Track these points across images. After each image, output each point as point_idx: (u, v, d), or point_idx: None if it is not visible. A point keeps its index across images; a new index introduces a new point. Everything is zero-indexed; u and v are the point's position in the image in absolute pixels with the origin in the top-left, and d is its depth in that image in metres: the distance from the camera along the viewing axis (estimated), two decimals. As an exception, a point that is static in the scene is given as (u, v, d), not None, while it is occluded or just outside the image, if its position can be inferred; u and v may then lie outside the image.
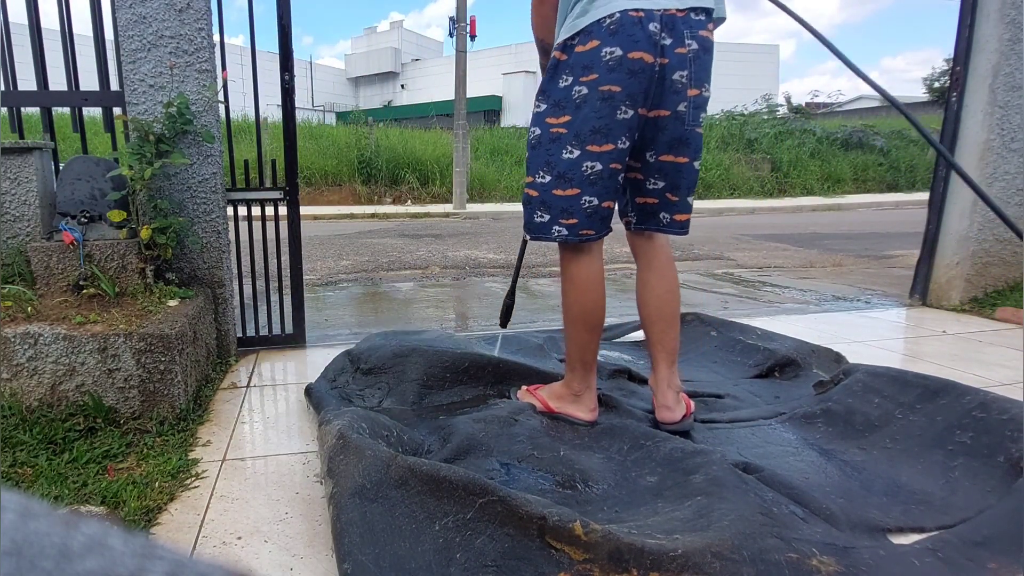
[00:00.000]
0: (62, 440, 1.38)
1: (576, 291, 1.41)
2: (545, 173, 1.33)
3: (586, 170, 1.29)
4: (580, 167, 1.29)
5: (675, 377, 1.47)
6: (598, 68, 1.23)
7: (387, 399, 1.63)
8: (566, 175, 1.30)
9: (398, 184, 11.37)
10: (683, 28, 1.23)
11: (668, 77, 1.25)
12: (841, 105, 21.79)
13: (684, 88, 1.27)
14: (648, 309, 1.46)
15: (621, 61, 1.21)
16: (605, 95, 1.23)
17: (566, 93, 1.28)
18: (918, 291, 3.00)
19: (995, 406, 1.33)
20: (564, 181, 1.31)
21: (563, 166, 1.30)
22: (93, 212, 1.77)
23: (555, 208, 1.33)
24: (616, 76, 1.22)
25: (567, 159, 1.29)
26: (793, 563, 0.94)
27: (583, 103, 1.26)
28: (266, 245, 2.18)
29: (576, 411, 1.47)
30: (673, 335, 1.46)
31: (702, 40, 1.27)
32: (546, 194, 1.34)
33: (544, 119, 1.32)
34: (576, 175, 1.30)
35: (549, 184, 1.33)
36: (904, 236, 6.14)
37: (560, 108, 1.29)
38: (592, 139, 1.26)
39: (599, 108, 1.24)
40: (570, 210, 1.32)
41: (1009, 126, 2.71)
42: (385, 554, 0.94)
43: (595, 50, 1.23)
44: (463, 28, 9.99)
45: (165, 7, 1.81)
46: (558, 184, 1.32)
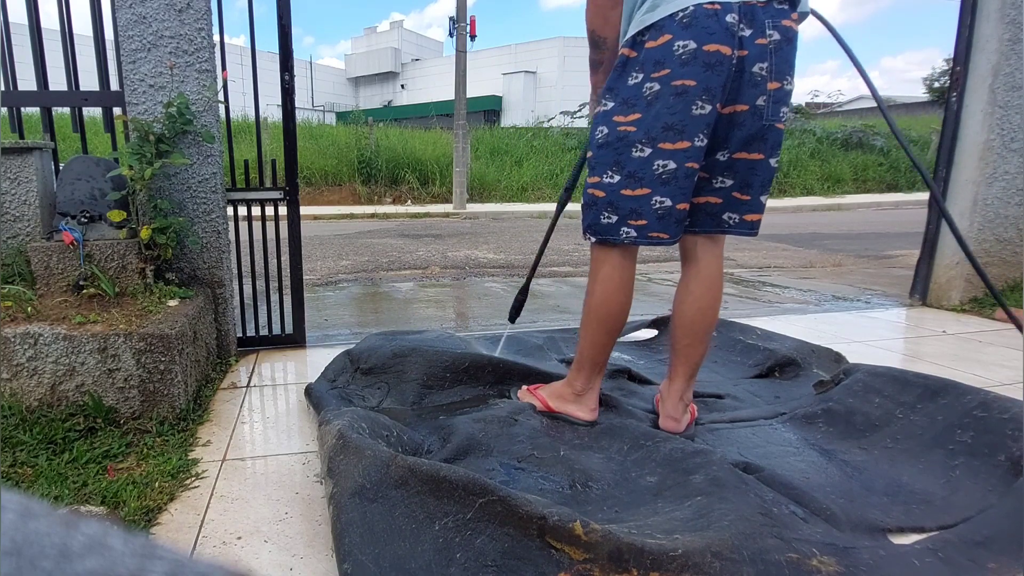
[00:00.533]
0: (62, 440, 1.38)
1: (605, 292, 1.36)
2: (614, 173, 1.28)
3: (657, 169, 1.23)
4: (651, 166, 1.23)
5: (689, 391, 1.44)
6: (670, 63, 1.17)
7: (387, 399, 1.63)
8: (636, 174, 1.25)
9: (398, 184, 11.37)
10: (764, 18, 1.17)
11: (747, 70, 1.19)
12: (841, 105, 21.80)
13: (764, 81, 1.20)
14: (683, 319, 1.39)
15: (696, 54, 1.15)
16: (679, 90, 1.18)
17: (636, 90, 1.23)
18: (918, 291, 3.00)
19: (996, 405, 1.33)
20: (634, 181, 1.26)
21: (633, 165, 1.25)
22: (93, 212, 1.77)
23: (623, 209, 1.28)
24: (690, 70, 1.16)
25: (637, 158, 1.24)
26: (793, 563, 0.94)
27: (655, 100, 1.20)
28: (266, 245, 2.18)
29: (576, 411, 1.46)
30: (701, 351, 1.40)
31: (784, 30, 1.20)
32: (614, 194, 1.28)
33: (612, 117, 1.27)
34: (647, 174, 1.24)
35: (618, 184, 1.28)
36: (904, 236, 6.14)
37: (629, 106, 1.24)
38: (664, 136, 1.21)
39: (672, 104, 1.19)
40: (639, 211, 1.27)
41: (1009, 126, 2.71)
42: (385, 554, 0.94)
43: (667, 44, 1.17)
44: (463, 28, 9.99)
45: (165, 7, 1.81)
46: (627, 184, 1.27)
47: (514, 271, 4.37)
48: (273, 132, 8.41)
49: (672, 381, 1.44)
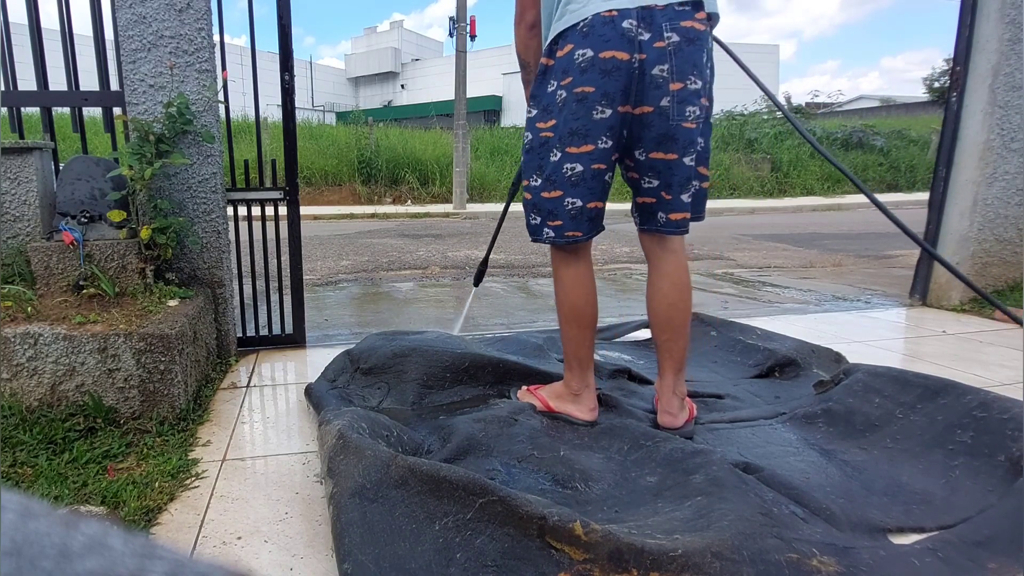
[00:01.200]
0: (62, 440, 1.38)
1: (564, 290, 1.43)
2: (537, 176, 1.36)
3: (567, 172, 1.30)
4: (562, 169, 1.31)
5: (681, 384, 1.46)
6: (572, 71, 1.25)
7: (387, 399, 1.63)
8: (551, 178, 1.33)
9: (398, 184, 11.37)
10: (662, 21, 1.21)
11: (648, 72, 1.23)
12: (841, 105, 21.81)
13: (665, 82, 1.24)
14: (657, 316, 1.43)
15: (593, 61, 1.22)
16: (579, 96, 1.25)
17: (552, 98, 1.30)
18: (918, 291, 3.00)
19: (996, 405, 1.33)
20: (550, 184, 1.33)
21: (549, 169, 1.33)
22: (93, 212, 1.77)
23: (544, 210, 1.36)
24: (588, 77, 1.23)
25: (552, 162, 1.32)
26: (793, 563, 0.94)
27: (563, 106, 1.28)
28: (266, 245, 2.18)
29: (575, 411, 1.47)
30: (682, 344, 1.43)
31: (685, 31, 1.23)
32: (536, 197, 1.36)
33: (535, 123, 1.35)
34: (559, 177, 1.32)
35: (539, 187, 1.35)
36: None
37: (547, 112, 1.32)
38: (571, 141, 1.28)
39: (575, 110, 1.26)
40: (555, 212, 1.34)
41: (1009, 126, 2.71)
42: (385, 554, 0.94)
43: (570, 53, 1.25)
44: (463, 28, 9.99)
45: (165, 7, 1.81)
46: (545, 187, 1.34)
47: (514, 271, 4.37)
48: (273, 132, 8.41)
49: (662, 377, 1.47)
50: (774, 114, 15.05)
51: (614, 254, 5.22)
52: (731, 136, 14.17)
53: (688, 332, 1.46)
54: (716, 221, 8.33)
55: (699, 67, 1.26)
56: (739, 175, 13.12)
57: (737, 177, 13.08)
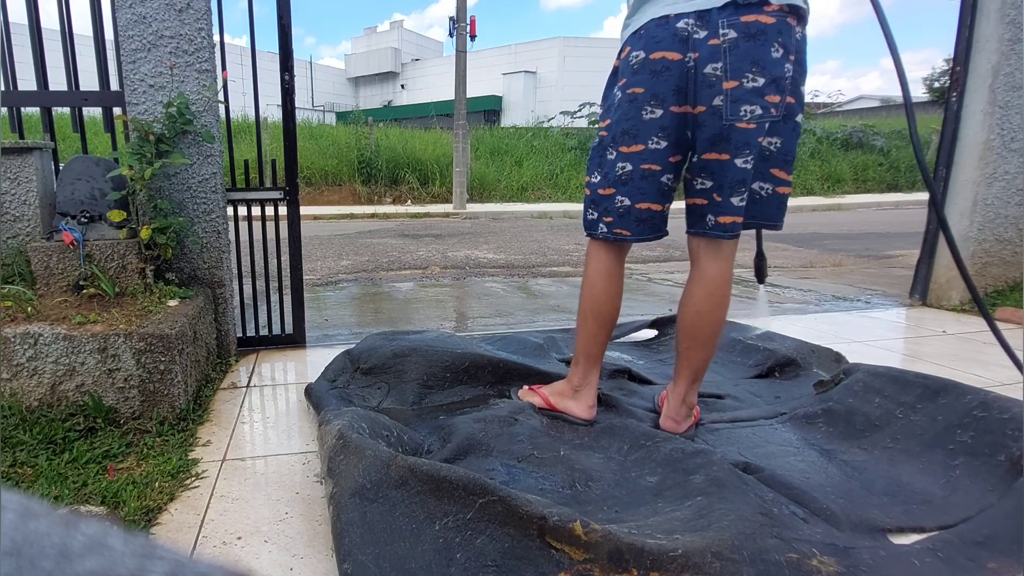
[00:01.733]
0: (62, 440, 1.38)
1: (590, 282, 1.45)
2: (596, 173, 1.41)
3: (618, 171, 1.34)
4: (615, 168, 1.34)
5: (693, 394, 1.44)
6: (626, 72, 1.29)
7: (387, 399, 1.63)
8: (607, 175, 1.37)
9: (398, 184, 11.37)
10: (719, 18, 1.17)
11: (700, 71, 1.21)
12: (841, 105, 21.80)
13: (719, 81, 1.20)
14: (683, 322, 1.39)
15: (644, 63, 1.25)
16: (631, 97, 1.28)
17: (612, 99, 1.36)
18: (918, 291, 3.00)
19: (996, 405, 1.33)
20: (606, 181, 1.38)
21: (606, 167, 1.38)
22: (93, 212, 1.77)
23: (600, 206, 1.40)
24: (639, 78, 1.26)
25: (608, 160, 1.36)
26: (793, 563, 0.94)
27: (618, 107, 1.32)
28: (266, 245, 2.18)
29: (574, 408, 1.48)
30: (702, 355, 1.39)
31: (745, 26, 1.16)
32: (594, 193, 1.41)
33: (600, 123, 1.42)
34: (612, 175, 1.35)
35: (597, 184, 1.41)
36: (904, 236, 6.14)
37: (607, 112, 1.38)
38: (623, 140, 1.32)
39: (627, 110, 1.29)
40: (608, 209, 1.38)
41: (1009, 126, 2.71)
42: (385, 554, 0.94)
43: (627, 56, 1.30)
44: (463, 28, 9.99)
45: (165, 7, 1.81)
46: (602, 184, 1.39)
47: (514, 271, 4.37)
48: (273, 132, 8.41)
49: (675, 383, 1.44)
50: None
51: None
52: (731, 136, 14.14)
53: (715, 345, 1.40)
54: (716, 221, 8.30)
55: (762, 63, 1.18)
56: (739, 175, 13.08)
57: (737, 177, 13.04)
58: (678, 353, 1.42)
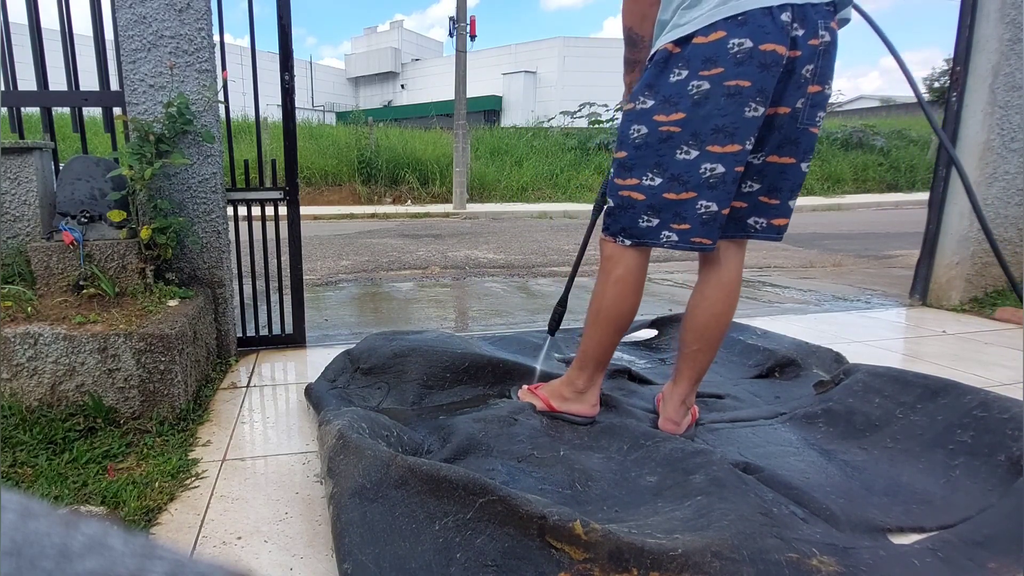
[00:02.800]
0: (62, 440, 1.38)
1: (619, 294, 1.33)
2: (655, 175, 1.23)
3: (705, 172, 1.18)
4: (698, 169, 1.19)
5: (692, 396, 1.43)
6: (724, 61, 1.12)
7: (387, 399, 1.63)
8: (680, 177, 1.20)
9: (398, 184, 11.37)
10: (816, 18, 1.13)
11: (797, 71, 1.14)
12: (841, 105, 21.81)
13: (807, 83, 1.16)
14: (695, 323, 1.36)
15: (752, 53, 1.10)
16: (732, 90, 1.12)
17: (680, 88, 1.17)
18: (918, 291, 3.00)
19: (996, 405, 1.33)
20: (678, 184, 1.21)
21: (677, 168, 1.20)
22: (93, 212, 1.77)
23: (667, 212, 1.23)
24: (745, 70, 1.11)
25: (682, 160, 1.19)
26: (793, 563, 0.94)
27: (703, 100, 1.15)
28: (266, 245, 2.18)
29: (579, 408, 1.46)
30: (709, 358, 1.37)
31: (833, 32, 1.16)
32: (655, 197, 1.24)
33: (652, 116, 1.21)
34: (693, 177, 1.19)
35: (659, 187, 1.23)
36: (904, 236, 6.14)
37: (671, 104, 1.18)
38: (714, 139, 1.16)
39: (724, 105, 1.14)
40: (683, 215, 1.22)
41: (1009, 126, 2.71)
42: (385, 554, 0.94)
43: (720, 42, 1.11)
44: (463, 28, 9.99)
45: (165, 7, 1.81)
46: (670, 187, 1.22)
47: (514, 271, 4.37)
48: (273, 132, 8.41)
49: (676, 384, 1.42)
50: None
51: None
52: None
53: (718, 349, 1.39)
54: (716, 221, 8.31)
55: (834, 72, 1.19)
56: (739, 175, 13.09)
57: (737, 177, 13.05)
58: (682, 355, 1.39)
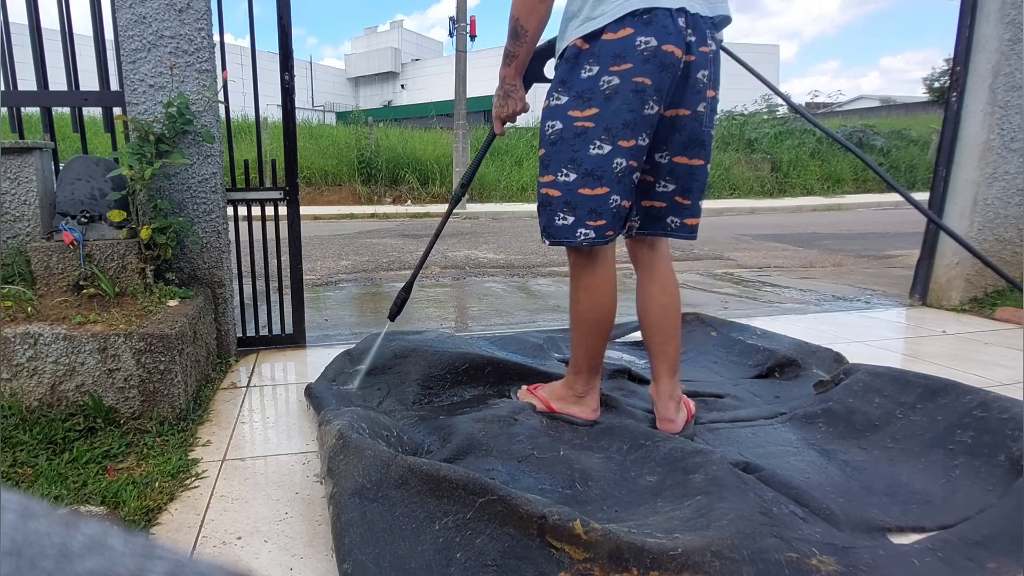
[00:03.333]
0: (62, 440, 1.38)
1: (592, 298, 1.34)
2: (570, 171, 1.23)
3: (616, 167, 1.21)
4: (611, 163, 1.20)
5: (677, 388, 1.44)
6: (632, 57, 1.15)
7: (387, 399, 1.63)
8: (595, 172, 1.21)
9: (398, 184, 11.37)
10: (704, 27, 1.20)
11: (692, 75, 1.20)
12: (841, 105, 21.80)
13: (704, 88, 1.22)
14: (649, 320, 1.42)
15: (655, 52, 1.14)
16: (638, 87, 1.16)
17: (592, 84, 1.19)
18: (918, 291, 3.00)
19: (996, 405, 1.33)
20: (593, 179, 1.22)
21: (591, 163, 1.21)
22: (93, 212, 1.77)
23: (582, 208, 1.24)
24: (649, 68, 1.15)
25: (596, 155, 1.20)
26: (793, 562, 0.94)
27: (614, 94, 1.17)
28: (266, 245, 2.18)
29: (579, 412, 1.46)
30: (675, 346, 1.42)
31: (717, 43, 1.25)
32: (571, 194, 1.24)
33: (566, 112, 1.22)
34: (607, 172, 1.21)
35: (575, 182, 1.23)
36: (904, 236, 6.13)
37: (585, 100, 1.20)
38: (623, 133, 1.18)
39: (631, 100, 1.16)
40: (599, 210, 1.23)
41: (1009, 126, 2.71)
42: (385, 554, 0.94)
43: (629, 38, 1.14)
44: (463, 28, 9.99)
45: (165, 7, 1.81)
46: (586, 182, 1.22)
47: (514, 271, 4.37)
48: (273, 132, 8.41)
49: (658, 382, 1.43)
50: (774, 114, 15.05)
51: (614, 254, 5.21)
52: (731, 136, 14.17)
53: (680, 334, 1.44)
54: (716, 221, 8.33)
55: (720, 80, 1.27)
56: (739, 175, 13.11)
57: (737, 177, 13.07)
58: (652, 354, 1.44)
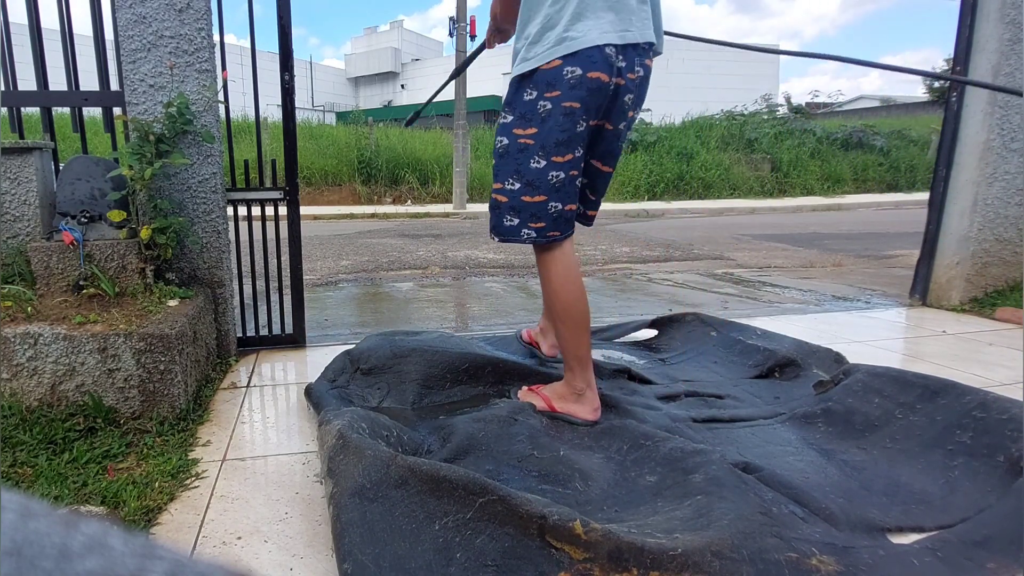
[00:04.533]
0: (62, 440, 1.38)
1: (553, 288, 1.48)
2: (514, 181, 1.42)
3: (552, 179, 1.39)
4: (547, 176, 1.38)
5: None
6: (560, 85, 1.33)
7: (387, 399, 1.63)
8: (534, 183, 1.40)
9: (398, 184, 11.37)
10: (633, 56, 1.37)
11: (620, 97, 1.38)
12: (841, 105, 21.78)
13: (628, 109, 1.42)
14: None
15: (581, 80, 1.32)
16: (567, 110, 1.34)
17: (532, 107, 1.37)
18: (918, 291, 3.00)
19: (995, 406, 1.33)
20: (532, 189, 1.40)
21: (531, 175, 1.39)
22: (93, 212, 1.77)
23: (524, 213, 1.42)
24: (576, 93, 1.32)
25: (535, 168, 1.39)
26: (792, 562, 0.94)
27: (547, 117, 1.35)
28: (266, 245, 2.18)
29: (580, 411, 1.48)
30: None
31: (647, 68, 1.42)
32: (515, 200, 1.42)
33: (511, 130, 1.41)
34: (543, 183, 1.39)
35: (518, 191, 1.42)
36: (904, 236, 6.14)
37: (526, 120, 1.38)
38: (556, 150, 1.37)
39: (562, 122, 1.35)
40: (538, 215, 1.42)
41: (1009, 126, 2.71)
42: (385, 554, 0.94)
43: (558, 69, 1.33)
44: (463, 28, 9.99)
45: (165, 7, 1.81)
46: (526, 191, 1.41)
47: (514, 271, 4.37)
48: (273, 132, 8.41)
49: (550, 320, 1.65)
50: (774, 114, 15.05)
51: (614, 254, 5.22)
52: (731, 136, 14.16)
53: None
54: (716, 221, 8.32)
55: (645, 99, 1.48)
56: (739, 175, 13.11)
57: (737, 177, 13.07)
58: None
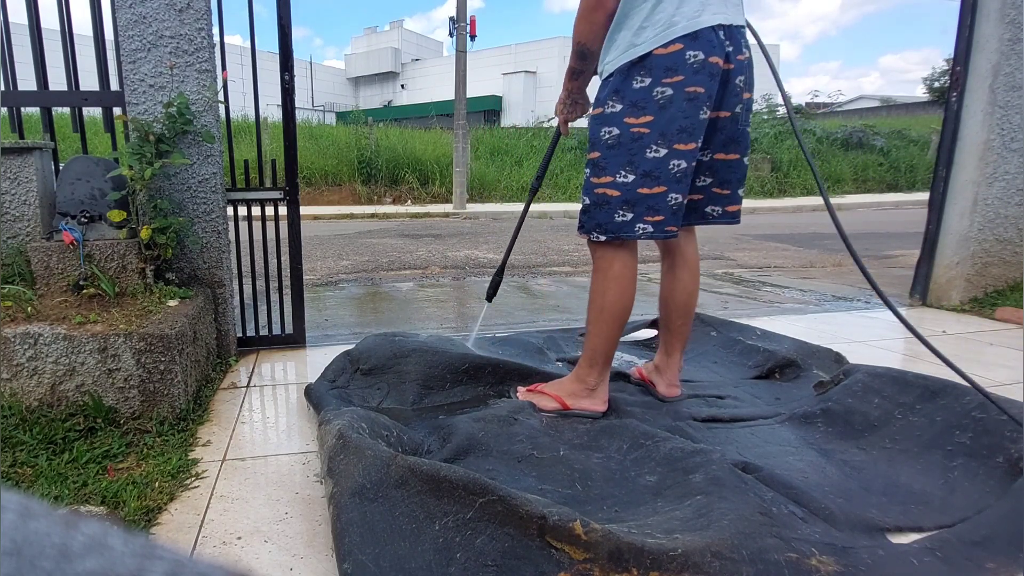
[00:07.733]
0: (62, 440, 1.38)
1: (618, 289, 1.44)
2: (628, 172, 1.36)
3: (673, 168, 1.34)
4: (667, 165, 1.34)
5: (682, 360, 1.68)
6: (683, 70, 1.28)
7: (387, 399, 1.63)
8: (652, 173, 1.34)
9: (398, 184, 11.36)
10: (739, 37, 1.35)
11: (731, 81, 1.35)
12: (841, 105, 21.78)
13: (741, 91, 1.38)
14: (676, 303, 1.59)
15: (704, 64, 1.28)
16: (691, 96, 1.29)
17: (645, 94, 1.31)
18: (918, 291, 3.00)
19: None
20: (650, 179, 1.35)
21: (648, 165, 1.34)
22: (93, 212, 1.77)
23: (640, 206, 1.37)
24: (700, 78, 1.29)
25: (652, 158, 1.33)
26: (792, 562, 0.94)
27: (668, 103, 1.30)
28: (266, 245, 2.18)
29: (591, 404, 1.50)
30: (689, 327, 1.66)
31: (750, 50, 1.41)
32: (630, 193, 1.37)
33: (622, 119, 1.35)
34: (663, 173, 1.34)
35: (633, 183, 1.36)
36: (904, 236, 6.13)
37: (639, 108, 1.32)
38: (679, 138, 1.32)
39: (686, 108, 1.30)
40: (656, 207, 1.36)
41: (1009, 126, 2.71)
42: (385, 554, 0.94)
43: (679, 53, 1.28)
44: (463, 28, 9.99)
45: (165, 7, 1.81)
46: (644, 183, 1.35)
47: (514, 271, 4.37)
48: (273, 132, 8.41)
49: (671, 356, 1.62)
50: (774, 114, 15.04)
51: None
52: (731, 136, 14.14)
53: None
54: (716, 221, 8.31)
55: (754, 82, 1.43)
56: (739, 175, 13.09)
57: (737, 177, 13.05)
58: (670, 331, 1.62)
